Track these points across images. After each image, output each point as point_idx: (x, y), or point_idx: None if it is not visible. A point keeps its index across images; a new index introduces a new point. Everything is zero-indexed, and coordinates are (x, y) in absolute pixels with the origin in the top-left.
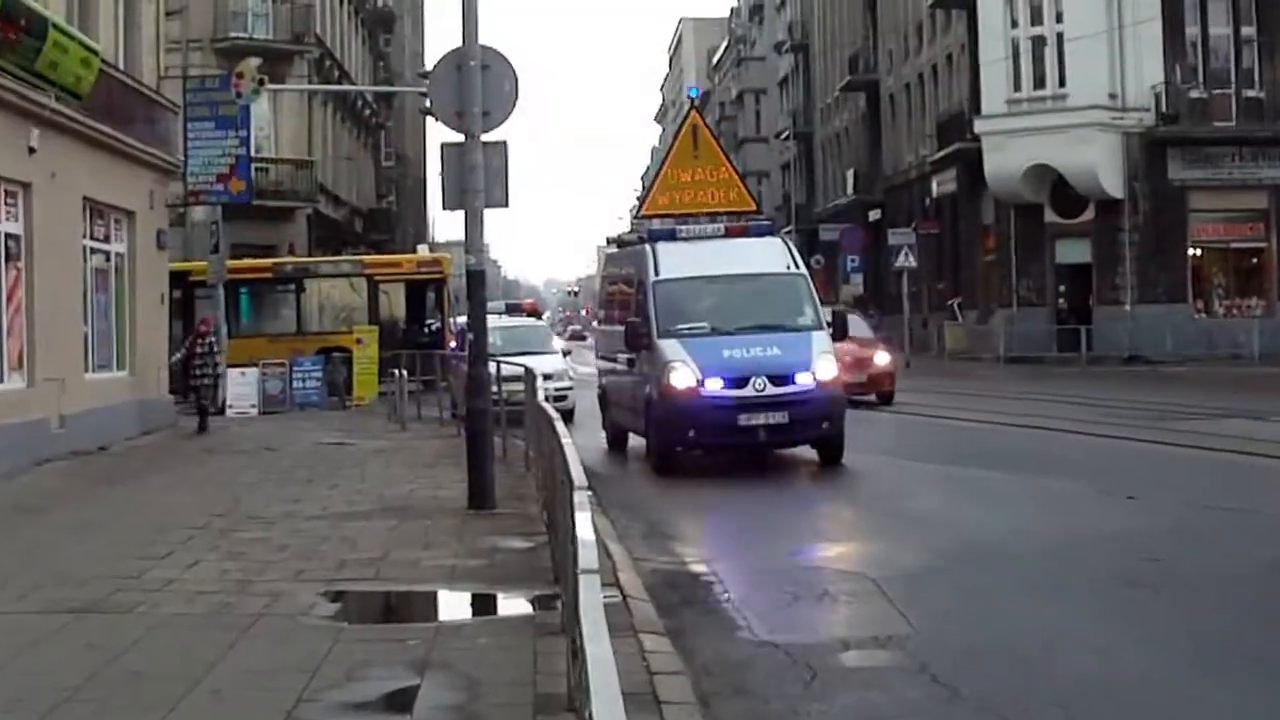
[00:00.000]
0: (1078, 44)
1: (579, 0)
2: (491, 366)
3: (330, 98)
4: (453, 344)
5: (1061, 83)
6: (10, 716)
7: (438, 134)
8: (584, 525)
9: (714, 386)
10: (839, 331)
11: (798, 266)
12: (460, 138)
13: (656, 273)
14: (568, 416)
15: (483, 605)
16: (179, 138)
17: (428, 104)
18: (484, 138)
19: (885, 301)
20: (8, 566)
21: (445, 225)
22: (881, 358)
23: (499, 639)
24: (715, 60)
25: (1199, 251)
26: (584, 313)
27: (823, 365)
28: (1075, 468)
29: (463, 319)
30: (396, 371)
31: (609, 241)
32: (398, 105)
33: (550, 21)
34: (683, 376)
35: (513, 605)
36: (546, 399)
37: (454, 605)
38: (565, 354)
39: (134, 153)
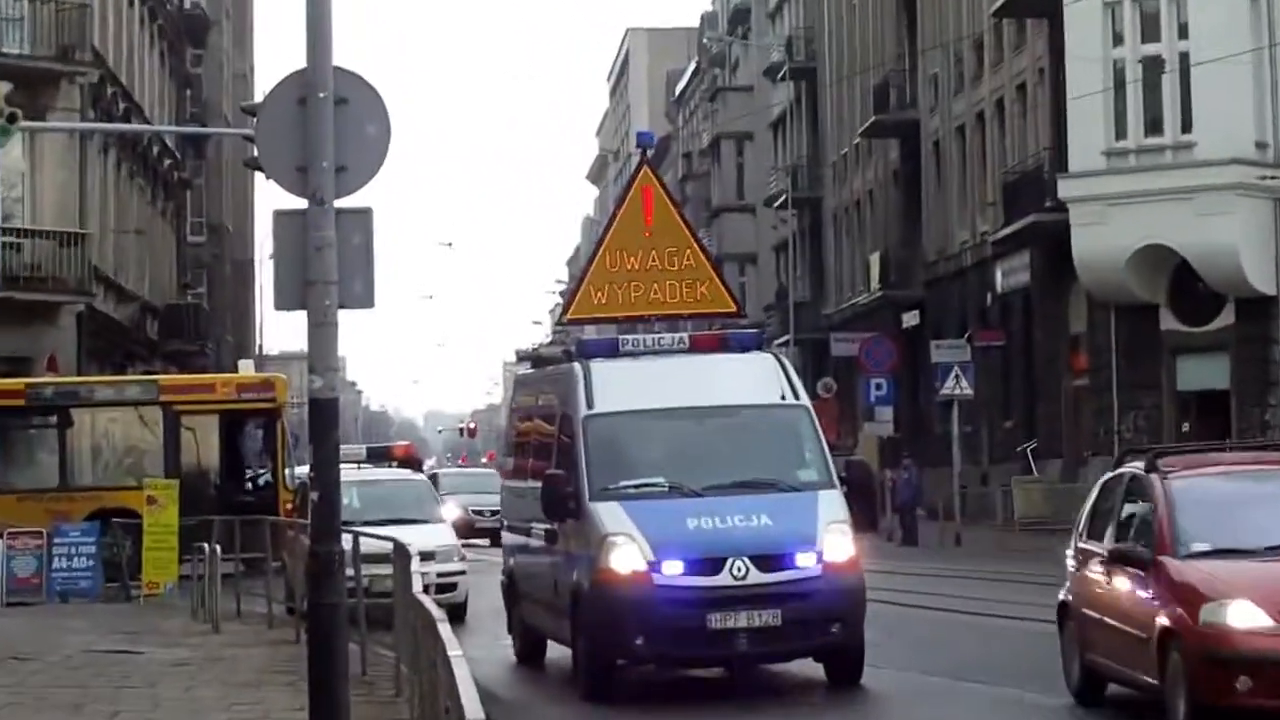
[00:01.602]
0: (1209, 70)
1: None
2: (346, 541)
3: (113, 142)
4: (289, 506)
5: (1186, 126)
6: None
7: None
8: None
9: (673, 572)
10: (860, 493)
11: (797, 396)
12: (302, 203)
13: (590, 404)
14: (458, 614)
15: None
16: None
17: (255, 153)
18: (339, 204)
19: (927, 446)
20: None
21: (280, 332)
22: None
23: None
24: (678, 90)
25: None
26: (485, 461)
27: (832, 541)
28: None
29: (304, 469)
30: (206, 546)
31: (520, 358)
32: (212, 154)
33: (435, 34)
34: (627, 557)
35: None
36: (426, 589)
37: None
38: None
39: None
